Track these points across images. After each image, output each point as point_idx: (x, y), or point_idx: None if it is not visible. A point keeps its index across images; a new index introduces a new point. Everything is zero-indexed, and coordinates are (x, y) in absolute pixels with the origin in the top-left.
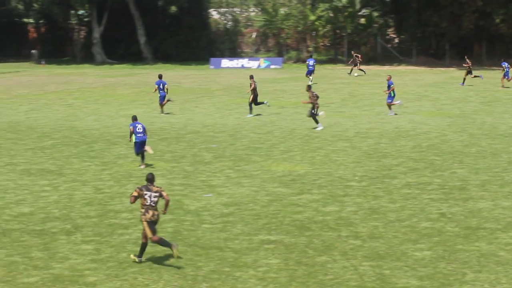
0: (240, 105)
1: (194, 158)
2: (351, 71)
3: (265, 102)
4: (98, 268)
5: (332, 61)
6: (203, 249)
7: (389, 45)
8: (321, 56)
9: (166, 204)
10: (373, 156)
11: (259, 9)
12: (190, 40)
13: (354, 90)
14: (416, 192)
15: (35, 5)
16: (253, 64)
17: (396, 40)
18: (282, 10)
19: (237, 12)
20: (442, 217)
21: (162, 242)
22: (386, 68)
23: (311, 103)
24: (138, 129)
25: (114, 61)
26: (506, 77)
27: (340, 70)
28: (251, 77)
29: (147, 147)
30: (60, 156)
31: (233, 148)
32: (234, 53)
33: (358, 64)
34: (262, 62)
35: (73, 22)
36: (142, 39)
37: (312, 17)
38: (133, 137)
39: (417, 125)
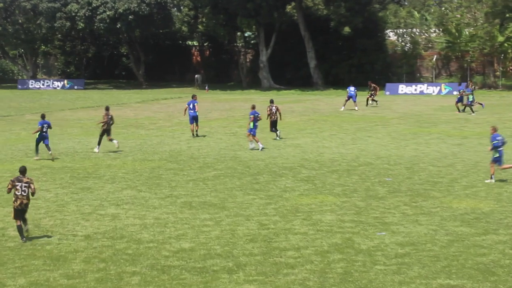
0: (418, 135)
1: (366, 193)
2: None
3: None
4: None
5: None
6: None
7: None
8: (510, 81)
9: (33, 193)
10: None
11: (441, 29)
12: (364, 63)
13: None
14: None
15: (199, 27)
16: (433, 90)
17: None
18: (467, 31)
19: (416, 33)
20: None
21: (18, 229)
22: None
23: (104, 123)
24: (44, 128)
25: (281, 86)
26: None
27: None
28: (271, 101)
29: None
30: (222, 188)
31: (410, 182)
32: (413, 78)
33: (372, 95)
34: (443, 88)
35: (239, 44)
36: (312, 63)
37: (501, 38)
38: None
39: None
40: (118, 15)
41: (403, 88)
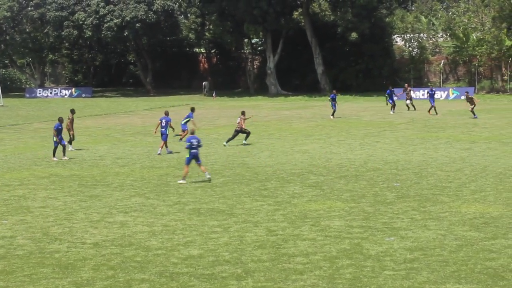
0: (426, 140)
1: (375, 198)
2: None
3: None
4: None
5: None
6: None
7: None
8: None
9: None
10: None
11: (448, 34)
12: (372, 69)
13: None
14: None
15: (207, 34)
16: (441, 94)
17: None
18: (474, 35)
19: (423, 38)
20: None
21: None
22: None
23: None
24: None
25: (288, 93)
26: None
27: None
28: (242, 113)
29: None
30: (231, 194)
31: (418, 187)
32: (420, 83)
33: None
34: (451, 93)
35: (246, 51)
36: (319, 69)
37: (508, 42)
38: None
39: None
40: (125, 23)
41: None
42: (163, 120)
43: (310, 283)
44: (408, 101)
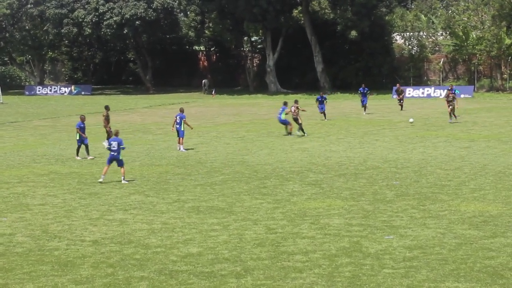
0: (426, 138)
1: (374, 196)
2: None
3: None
4: None
5: None
6: None
7: None
8: None
9: None
10: None
11: (448, 32)
12: (371, 67)
13: None
14: None
15: (206, 32)
16: (440, 93)
17: None
18: (474, 34)
19: (423, 36)
20: None
21: None
22: None
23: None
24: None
25: (288, 91)
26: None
27: None
28: (296, 101)
29: None
30: (230, 192)
31: (418, 185)
32: (420, 81)
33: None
34: None
35: (245, 49)
36: (319, 67)
37: (508, 41)
38: None
39: None
40: (125, 21)
41: (410, 91)
42: (178, 117)
43: (309, 281)
44: (399, 101)
